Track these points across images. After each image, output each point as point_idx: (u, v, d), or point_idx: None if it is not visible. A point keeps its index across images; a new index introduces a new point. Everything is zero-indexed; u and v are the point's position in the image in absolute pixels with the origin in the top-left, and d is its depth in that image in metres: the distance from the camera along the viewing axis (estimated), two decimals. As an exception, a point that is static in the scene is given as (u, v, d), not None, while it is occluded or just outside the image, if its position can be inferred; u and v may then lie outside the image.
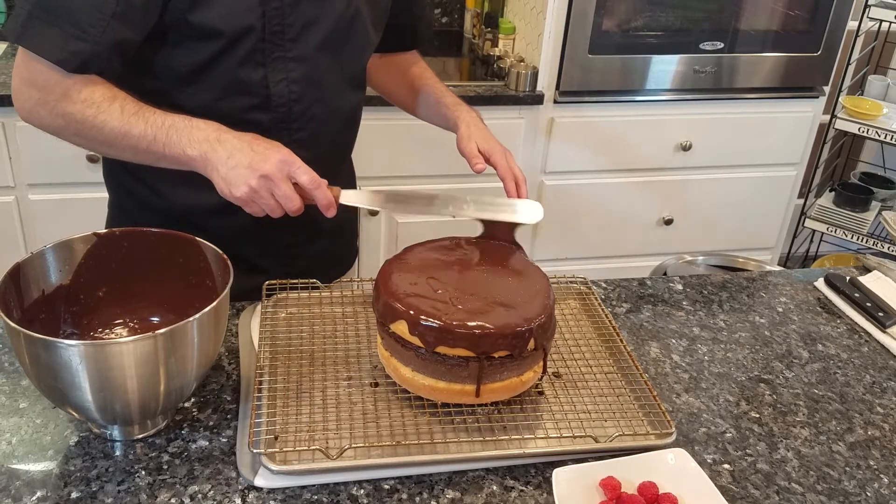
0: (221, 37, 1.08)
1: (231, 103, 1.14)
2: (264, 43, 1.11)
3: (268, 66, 1.13)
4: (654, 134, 2.48)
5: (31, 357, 0.81)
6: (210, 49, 1.09)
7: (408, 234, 2.41)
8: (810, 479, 0.93)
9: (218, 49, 1.09)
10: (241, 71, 1.12)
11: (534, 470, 0.90)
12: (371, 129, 1.36)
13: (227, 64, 1.11)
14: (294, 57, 1.14)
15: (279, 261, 1.28)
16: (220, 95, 1.13)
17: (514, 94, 2.32)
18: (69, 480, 0.84)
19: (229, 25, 1.08)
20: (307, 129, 1.20)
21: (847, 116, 2.75)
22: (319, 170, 1.18)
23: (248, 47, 1.10)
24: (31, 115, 1.05)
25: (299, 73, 1.15)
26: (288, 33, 1.12)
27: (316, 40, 1.15)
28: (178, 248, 0.98)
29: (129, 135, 1.04)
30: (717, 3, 2.38)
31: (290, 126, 1.18)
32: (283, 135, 1.16)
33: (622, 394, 1.01)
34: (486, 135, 1.23)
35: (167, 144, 1.03)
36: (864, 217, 2.91)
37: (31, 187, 2.12)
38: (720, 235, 2.71)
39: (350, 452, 0.87)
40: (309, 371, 1.00)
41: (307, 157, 1.13)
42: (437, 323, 0.90)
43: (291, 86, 1.15)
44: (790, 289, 1.34)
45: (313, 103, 1.19)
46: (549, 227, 2.54)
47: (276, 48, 1.12)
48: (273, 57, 1.12)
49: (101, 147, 1.08)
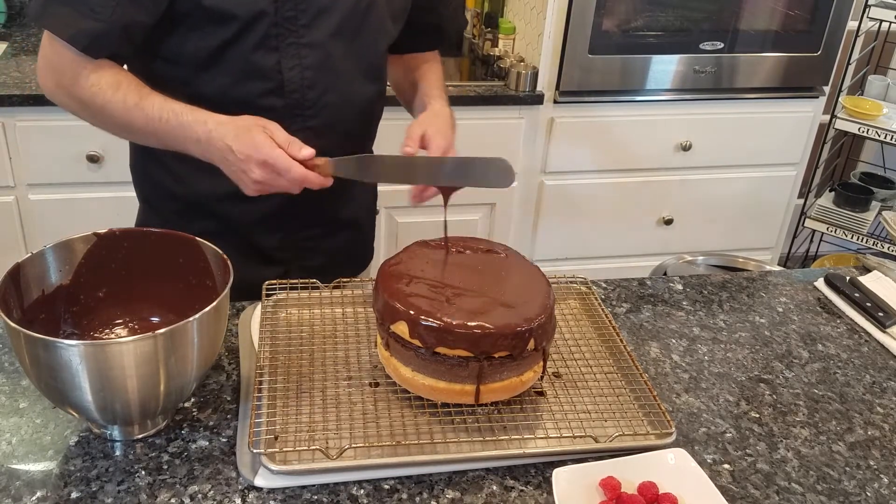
0: (235, 21, 1.10)
1: (246, 88, 1.15)
2: (277, 28, 1.12)
3: (281, 51, 1.14)
4: (654, 134, 2.48)
5: (31, 357, 0.82)
6: (224, 34, 1.11)
7: (408, 233, 2.41)
8: (810, 479, 0.93)
9: (231, 34, 1.11)
10: (255, 56, 1.13)
11: (534, 470, 0.90)
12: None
13: (240, 49, 1.12)
14: (307, 43, 1.15)
15: (295, 254, 1.30)
16: (235, 80, 1.15)
17: (514, 94, 2.32)
18: (69, 480, 0.84)
19: (243, 9, 1.09)
20: (320, 116, 1.20)
21: (847, 116, 2.74)
22: None
23: (261, 32, 1.11)
24: (53, 96, 1.12)
25: (312, 60, 1.16)
26: (301, 19, 1.13)
27: (329, 27, 1.15)
28: (178, 248, 0.98)
29: (133, 127, 1.09)
30: (717, 3, 2.37)
31: (303, 113, 1.19)
32: (296, 121, 1.18)
33: (622, 394, 1.01)
34: (444, 129, 1.20)
35: (166, 142, 1.09)
36: (864, 217, 2.91)
37: (31, 187, 2.12)
38: (720, 235, 2.71)
39: (350, 452, 0.87)
40: (309, 371, 1.00)
41: (320, 145, 1.13)
42: (437, 323, 0.90)
43: (305, 72, 1.16)
44: (790, 289, 1.34)
45: (327, 91, 1.19)
46: (549, 227, 2.54)
47: (289, 34, 1.13)
48: (286, 42, 1.13)
49: (118, 132, 1.14)
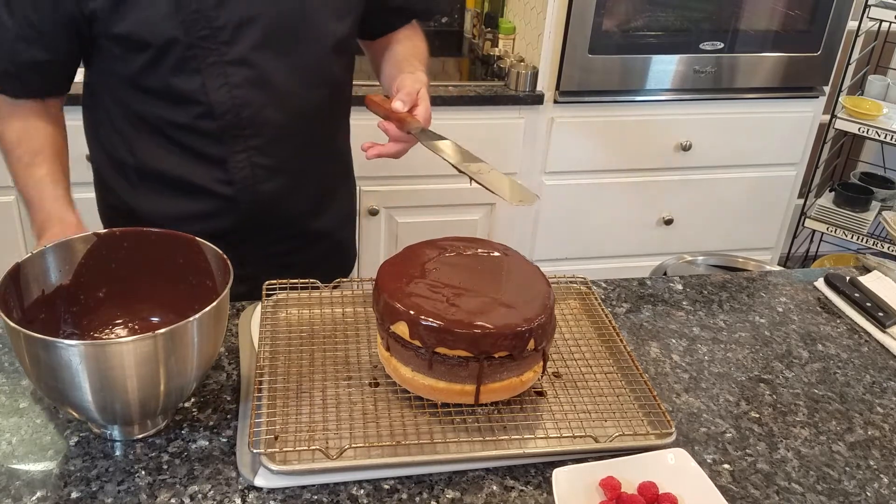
0: (149, 47, 1.06)
1: (178, 113, 1.12)
2: (193, 49, 1.07)
3: (204, 72, 1.08)
4: (654, 134, 2.48)
5: (31, 357, 0.82)
6: (142, 59, 1.07)
7: (408, 233, 2.41)
8: (810, 479, 0.93)
9: (148, 59, 1.07)
10: (176, 80, 1.09)
11: (534, 470, 0.90)
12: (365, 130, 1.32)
13: (159, 74, 1.08)
14: (231, 60, 1.09)
15: (263, 270, 1.20)
16: (165, 105, 1.11)
17: (514, 94, 2.32)
18: (69, 480, 0.84)
19: (153, 35, 1.05)
20: (263, 135, 1.15)
21: (847, 116, 2.75)
22: (288, 176, 1.17)
23: (176, 55, 1.07)
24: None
25: (240, 77, 1.10)
26: (219, 36, 1.07)
27: (254, 40, 1.09)
28: (178, 248, 0.98)
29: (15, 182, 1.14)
30: (717, 3, 2.38)
31: (241, 133, 1.14)
32: (237, 142, 1.14)
33: (622, 394, 1.01)
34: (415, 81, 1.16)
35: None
36: (864, 217, 2.91)
37: (31, 187, 2.11)
38: (720, 235, 2.71)
39: (350, 452, 0.87)
40: (309, 371, 1.00)
41: (269, 163, 1.12)
42: (437, 323, 0.90)
43: (234, 91, 1.10)
44: (790, 289, 1.34)
45: (264, 107, 1.13)
46: (549, 227, 2.54)
47: (209, 53, 1.08)
48: (208, 62, 1.08)
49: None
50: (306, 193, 1.24)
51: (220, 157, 1.16)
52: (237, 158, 1.16)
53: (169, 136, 1.15)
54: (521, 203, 1.03)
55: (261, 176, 1.18)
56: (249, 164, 1.17)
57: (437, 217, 2.41)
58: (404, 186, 2.35)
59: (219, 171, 1.17)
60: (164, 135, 1.15)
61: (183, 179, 1.18)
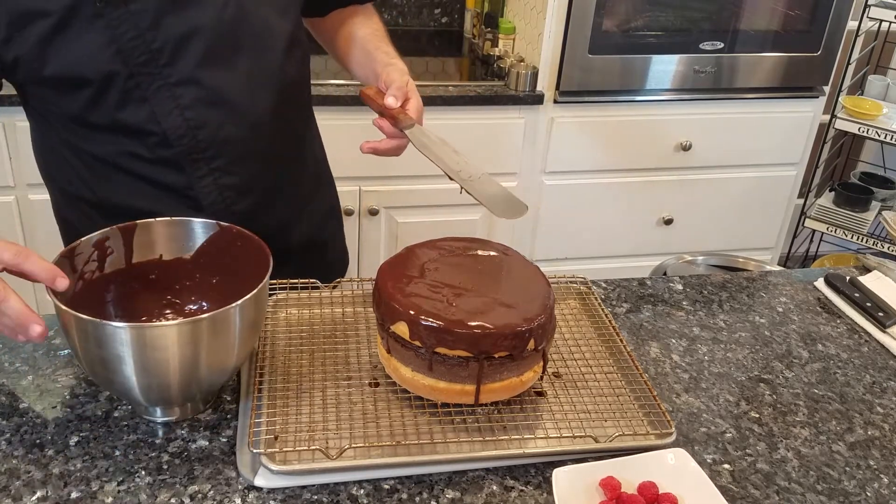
0: (88, 84, 0.99)
1: (131, 145, 1.05)
2: (136, 78, 1.00)
3: (150, 100, 1.02)
4: (654, 134, 2.48)
5: (80, 338, 0.84)
6: (82, 97, 1.01)
7: (408, 234, 2.41)
8: (810, 479, 0.93)
9: (89, 97, 1.00)
10: (122, 114, 1.02)
11: (534, 470, 0.90)
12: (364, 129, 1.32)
13: (103, 110, 1.02)
14: (178, 82, 1.02)
15: None
16: (116, 139, 1.05)
17: (514, 94, 2.32)
18: (69, 480, 0.84)
19: (89, 71, 0.99)
20: (225, 154, 1.09)
21: (847, 116, 2.75)
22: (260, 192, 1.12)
23: (118, 88, 1.00)
24: None
25: (190, 98, 1.03)
26: (160, 59, 1.00)
27: (196, 56, 1.02)
28: (222, 239, 0.99)
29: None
30: (717, 3, 2.38)
31: (202, 156, 1.08)
32: (199, 166, 1.08)
33: (622, 394, 1.01)
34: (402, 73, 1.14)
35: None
36: (864, 217, 2.91)
37: (31, 187, 2.12)
38: (720, 235, 2.72)
39: (350, 452, 0.87)
40: (309, 371, 1.00)
41: (237, 182, 1.08)
42: (437, 323, 0.90)
43: (186, 113, 1.04)
44: (790, 289, 1.34)
45: (221, 125, 1.07)
46: (549, 227, 2.54)
47: (153, 79, 1.01)
48: (153, 89, 1.01)
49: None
50: (282, 206, 1.19)
51: (185, 185, 1.10)
52: (203, 183, 1.10)
53: (127, 170, 1.09)
54: (507, 217, 1.02)
55: (230, 197, 1.12)
56: (217, 187, 1.11)
57: (437, 217, 2.41)
58: (404, 186, 2.35)
59: (186, 199, 1.11)
60: (121, 169, 1.09)
61: (151, 213, 1.05)
